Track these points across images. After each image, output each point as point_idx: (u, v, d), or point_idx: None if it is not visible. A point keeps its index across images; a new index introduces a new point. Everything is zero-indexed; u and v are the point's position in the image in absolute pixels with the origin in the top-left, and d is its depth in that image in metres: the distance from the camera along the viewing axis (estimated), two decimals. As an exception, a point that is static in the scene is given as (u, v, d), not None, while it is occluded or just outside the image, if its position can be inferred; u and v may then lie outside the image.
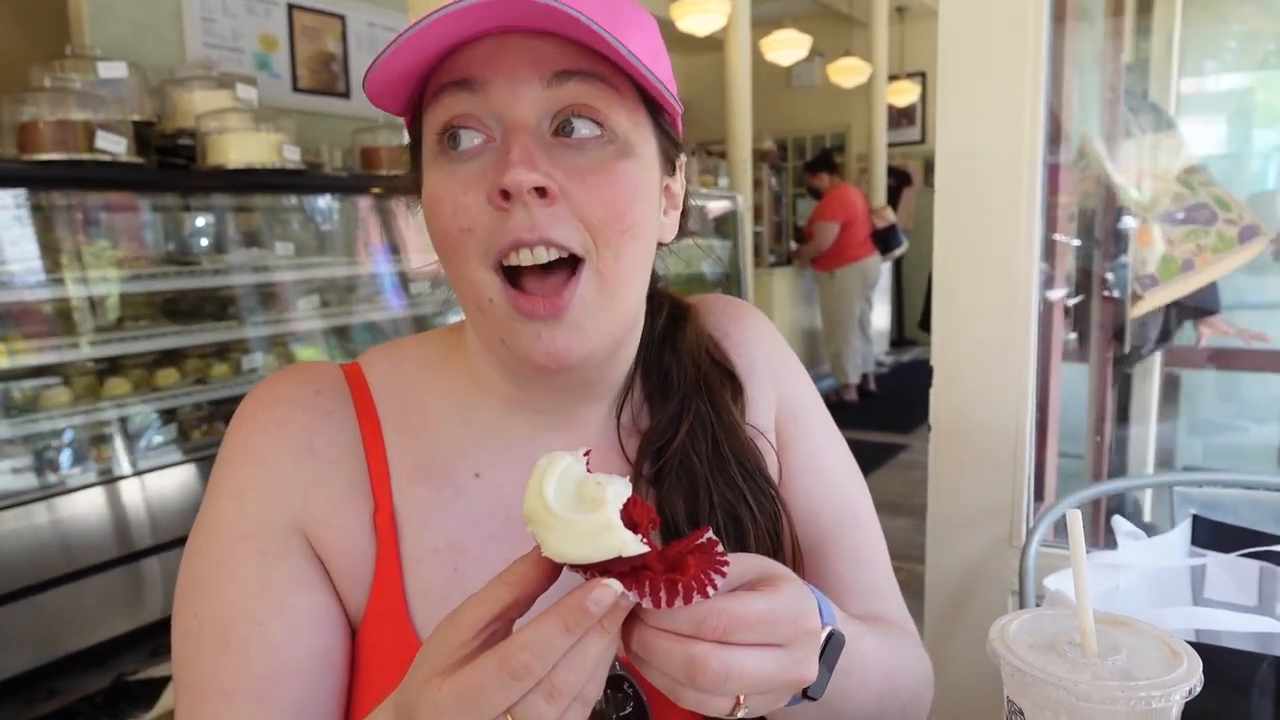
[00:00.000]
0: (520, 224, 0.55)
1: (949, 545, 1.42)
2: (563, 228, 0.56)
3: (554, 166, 0.56)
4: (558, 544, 0.44)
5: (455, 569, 0.65)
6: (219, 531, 0.63)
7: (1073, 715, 0.52)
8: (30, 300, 2.67)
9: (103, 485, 2.74)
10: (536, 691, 0.43)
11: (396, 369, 0.70)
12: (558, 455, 0.46)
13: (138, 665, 2.72)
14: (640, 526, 0.44)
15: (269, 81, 4.13)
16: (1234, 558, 0.94)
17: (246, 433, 0.65)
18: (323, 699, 0.62)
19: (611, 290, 0.59)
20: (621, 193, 0.58)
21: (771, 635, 0.47)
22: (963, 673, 1.38)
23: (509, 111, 0.56)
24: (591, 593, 0.43)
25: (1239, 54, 2.25)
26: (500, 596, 0.46)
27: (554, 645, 0.42)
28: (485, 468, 0.67)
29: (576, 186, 0.56)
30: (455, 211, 0.57)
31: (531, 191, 0.55)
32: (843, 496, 0.76)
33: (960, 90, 1.36)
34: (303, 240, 3.52)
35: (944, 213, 1.39)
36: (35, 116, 2.62)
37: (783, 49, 7.00)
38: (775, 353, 0.78)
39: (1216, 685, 0.58)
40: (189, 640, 0.61)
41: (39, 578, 2.56)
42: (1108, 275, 1.94)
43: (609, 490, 0.44)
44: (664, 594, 0.43)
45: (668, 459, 0.67)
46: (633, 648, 0.46)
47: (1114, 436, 1.96)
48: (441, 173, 0.58)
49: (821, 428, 0.78)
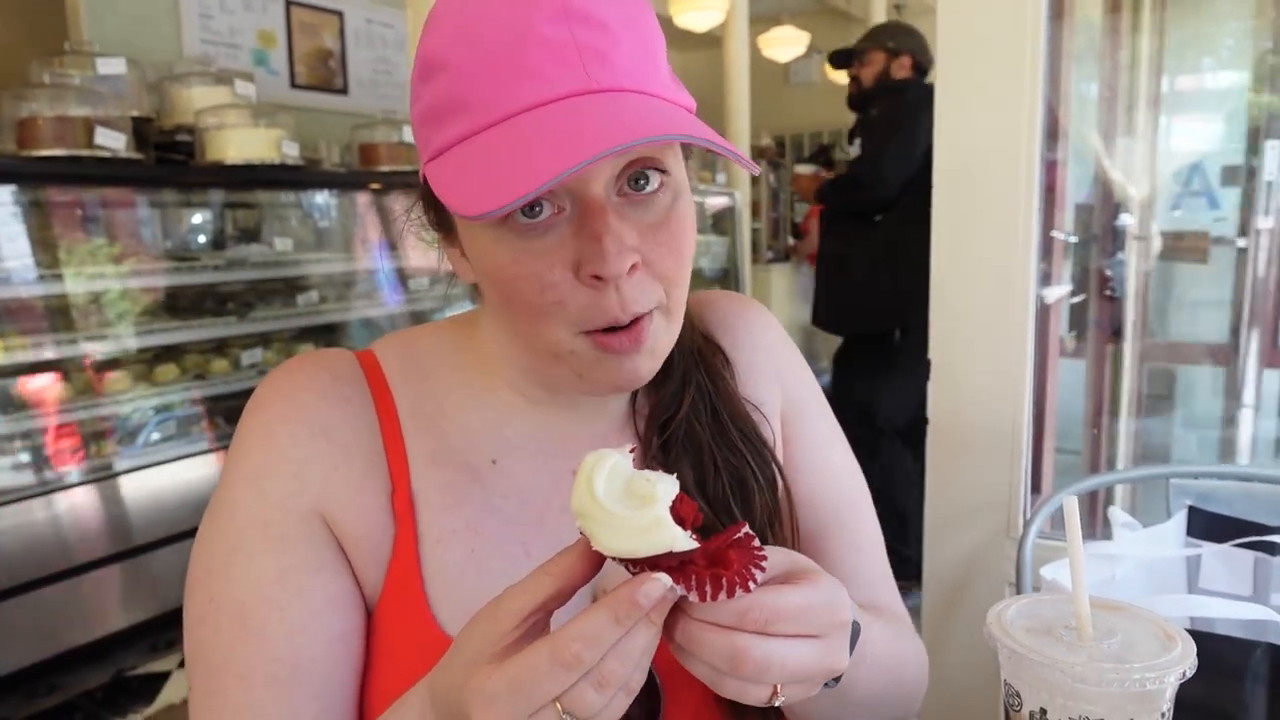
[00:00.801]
0: (613, 304, 0.57)
1: (947, 537, 1.43)
2: (646, 294, 0.58)
3: (631, 230, 0.57)
4: (609, 539, 0.45)
5: (472, 550, 0.65)
6: (236, 517, 0.63)
7: (1069, 697, 0.53)
8: (28, 296, 2.66)
9: (102, 481, 2.75)
10: (586, 681, 0.44)
11: (410, 357, 0.71)
12: (605, 453, 0.47)
13: (137, 660, 2.72)
14: (686, 522, 0.46)
15: (267, 78, 4.13)
16: (1229, 548, 0.95)
17: (264, 419, 0.65)
18: (340, 681, 0.63)
19: (674, 316, 0.62)
20: (687, 238, 0.60)
21: (809, 626, 0.49)
22: (960, 662, 1.39)
23: (586, 188, 0.56)
24: (642, 586, 0.44)
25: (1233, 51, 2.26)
26: (544, 587, 0.47)
27: (605, 637, 0.44)
28: (501, 455, 0.68)
29: (651, 247, 0.58)
30: (543, 288, 0.57)
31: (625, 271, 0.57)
32: (843, 488, 0.79)
33: (958, 87, 1.36)
34: (301, 236, 3.52)
35: (942, 209, 1.40)
36: (34, 112, 2.62)
37: (781, 46, 7.01)
38: (780, 348, 0.80)
39: (1211, 672, 0.58)
40: (205, 624, 0.62)
41: (38, 573, 2.56)
42: (1105, 271, 1.95)
43: (659, 488, 0.45)
44: (709, 588, 0.45)
45: (673, 431, 0.69)
46: (676, 639, 0.48)
47: (1110, 430, 1.97)
48: (514, 245, 0.57)
49: (824, 421, 0.80)
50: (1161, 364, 2.12)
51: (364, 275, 3.71)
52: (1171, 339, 2.15)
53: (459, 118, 0.56)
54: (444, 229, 0.65)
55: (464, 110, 0.56)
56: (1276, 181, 1.89)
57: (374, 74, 4.69)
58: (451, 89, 0.56)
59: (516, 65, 0.54)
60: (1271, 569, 0.92)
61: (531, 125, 0.53)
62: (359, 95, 4.57)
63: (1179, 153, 2.12)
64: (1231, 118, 2.14)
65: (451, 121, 0.56)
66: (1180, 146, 2.13)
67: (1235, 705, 0.77)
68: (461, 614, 0.50)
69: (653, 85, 0.57)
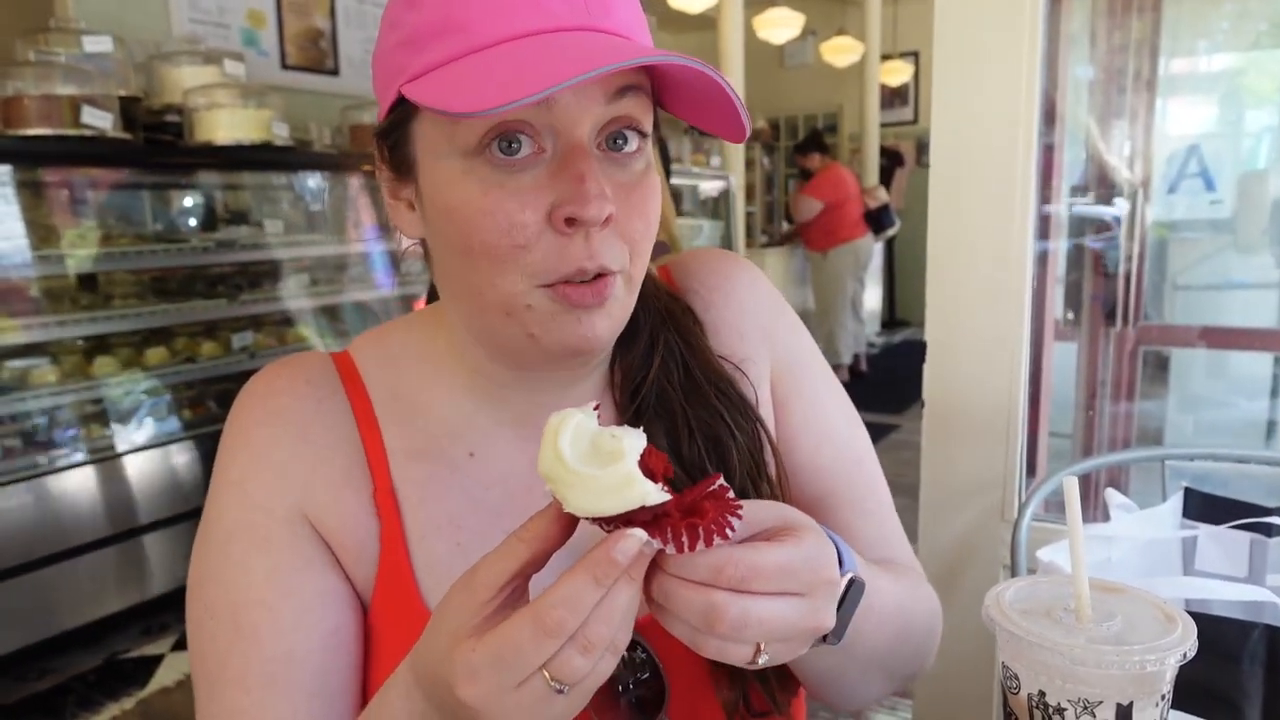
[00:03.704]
0: (581, 253, 0.55)
1: (942, 520, 1.43)
2: (613, 250, 0.57)
3: (609, 184, 0.55)
4: (580, 499, 0.44)
5: (459, 543, 0.65)
6: (223, 522, 0.63)
7: (1067, 679, 0.52)
8: (16, 278, 2.64)
9: (93, 464, 2.73)
10: (571, 645, 0.44)
11: (385, 355, 0.70)
12: (568, 413, 0.46)
13: (130, 644, 2.72)
14: (656, 475, 0.45)
15: (256, 58, 4.08)
16: (1225, 529, 0.95)
17: (243, 425, 0.66)
18: (337, 677, 0.62)
19: (633, 287, 0.61)
20: (655, 204, 0.59)
21: (790, 584, 0.48)
22: (955, 645, 1.39)
23: (572, 128, 0.55)
24: (618, 543, 0.43)
25: (1230, 34, 2.25)
26: (519, 554, 0.46)
27: (585, 599, 0.43)
28: (478, 446, 0.67)
29: (623, 205, 0.57)
30: (510, 228, 0.55)
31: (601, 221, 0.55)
32: (844, 448, 0.76)
33: (955, 69, 1.35)
34: (292, 218, 3.50)
35: (939, 190, 1.39)
36: (19, 91, 2.59)
37: (776, 27, 6.96)
38: (767, 308, 0.76)
39: (1208, 653, 0.58)
40: (202, 631, 0.62)
41: (30, 557, 2.56)
42: (1100, 252, 1.95)
43: (625, 442, 0.44)
44: (685, 538, 0.44)
45: (644, 394, 0.67)
46: (654, 596, 0.47)
47: (1106, 414, 1.97)
48: (487, 180, 0.55)
49: (823, 383, 0.77)
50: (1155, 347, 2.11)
51: (355, 258, 3.68)
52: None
53: (452, 39, 0.54)
54: (399, 169, 0.61)
55: (460, 31, 0.54)
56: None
57: (365, 55, 4.64)
58: (447, 12, 0.55)
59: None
60: (1267, 550, 0.92)
61: (533, 48, 0.52)
62: (350, 76, 4.52)
63: (1174, 135, 2.12)
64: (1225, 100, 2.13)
65: (441, 44, 0.54)
66: (1175, 129, 2.13)
67: (1232, 686, 0.77)
68: None
69: (645, 40, 0.58)
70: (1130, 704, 0.51)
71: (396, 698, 0.52)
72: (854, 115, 8.33)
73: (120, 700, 2.45)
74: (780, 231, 7.41)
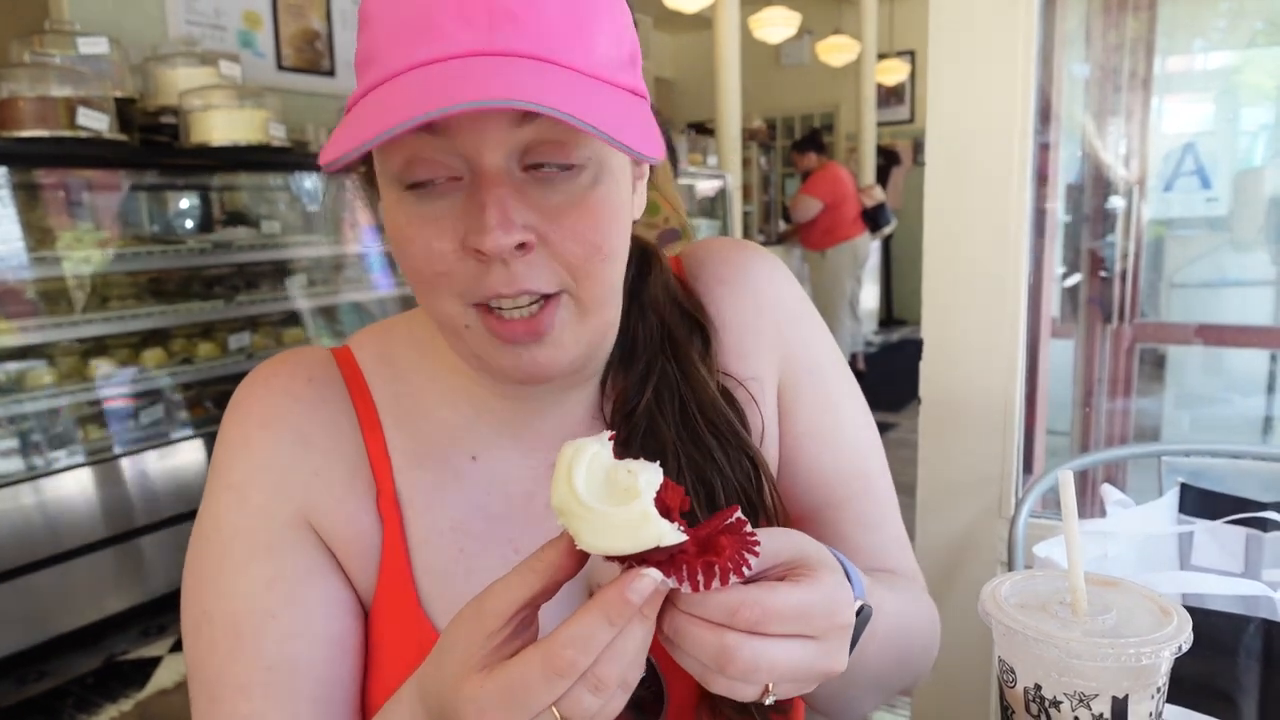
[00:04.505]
0: (499, 280, 0.54)
1: (939, 517, 1.43)
2: (541, 275, 0.54)
3: (529, 209, 0.53)
4: (593, 537, 0.43)
5: (461, 549, 0.64)
6: (222, 527, 0.62)
7: (1063, 673, 0.52)
8: (12, 280, 2.64)
9: (90, 466, 2.73)
10: (581, 684, 0.43)
11: (387, 351, 0.68)
12: (583, 443, 0.45)
13: (128, 646, 2.72)
14: (673, 510, 0.44)
15: (253, 60, 4.07)
16: (1221, 524, 0.95)
17: (241, 426, 0.64)
18: (338, 684, 0.62)
19: (590, 310, 0.58)
20: (599, 225, 0.55)
21: (804, 627, 0.47)
22: (951, 641, 1.39)
23: (476, 157, 0.53)
24: (631, 583, 0.43)
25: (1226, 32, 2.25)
26: (529, 584, 0.45)
27: (597, 639, 0.43)
28: (481, 450, 0.66)
29: (552, 228, 0.54)
30: (430, 256, 0.54)
31: (513, 249, 0.53)
32: (854, 459, 0.73)
33: (951, 68, 1.35)
34: (289, 219, 3.49)
35: (935, 189, 1.39)
36: (14, 93, 2.58)
37: (772, 27, 6.96)
38: (785, 303, 0.73)
39: (1204, 648, 0.58)
40: (200, 637, 0.61)
41: (27, 559, 2.55)
42: (1098, 251, 1.95)
43: (642, 479, 0.43)
44: (701, 577, 0.43)
45: (635, 423, 0.65)
46: (665, 631, 0.46)
47: (1102, 411, 1.97)
48: (406, 211, 0.55)
49: (837, 386, 0.74)
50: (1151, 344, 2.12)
51: (352, 259, 3.68)
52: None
53: (369, 71, 0.54)
54: (373, 188, 0.61)
55: (372, 64, 0.53)
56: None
57: (361, 55, 4.64)
58: (369, 43, 0.54)
59: (425, 21, 0.51)
60: (1263, 545, 0.92)
61: (413, 82, 0.50)
62: (346, 77, 4.52)
63: (1170, 133, 2.12)
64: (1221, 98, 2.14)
65: (363, 75, 0.54)
66: (1172, 127, 2.13)
67: (1228, 680, 0.77)
68: (454, 613, 0.49)
69: (572, 56, 0.52)
70: (1126, 697, 0.51)
71: (400, 716, 0.51)
72: (850, 115, 8.34)
73: (118, 702, 2.44)
74: (777, 231, 7.41)
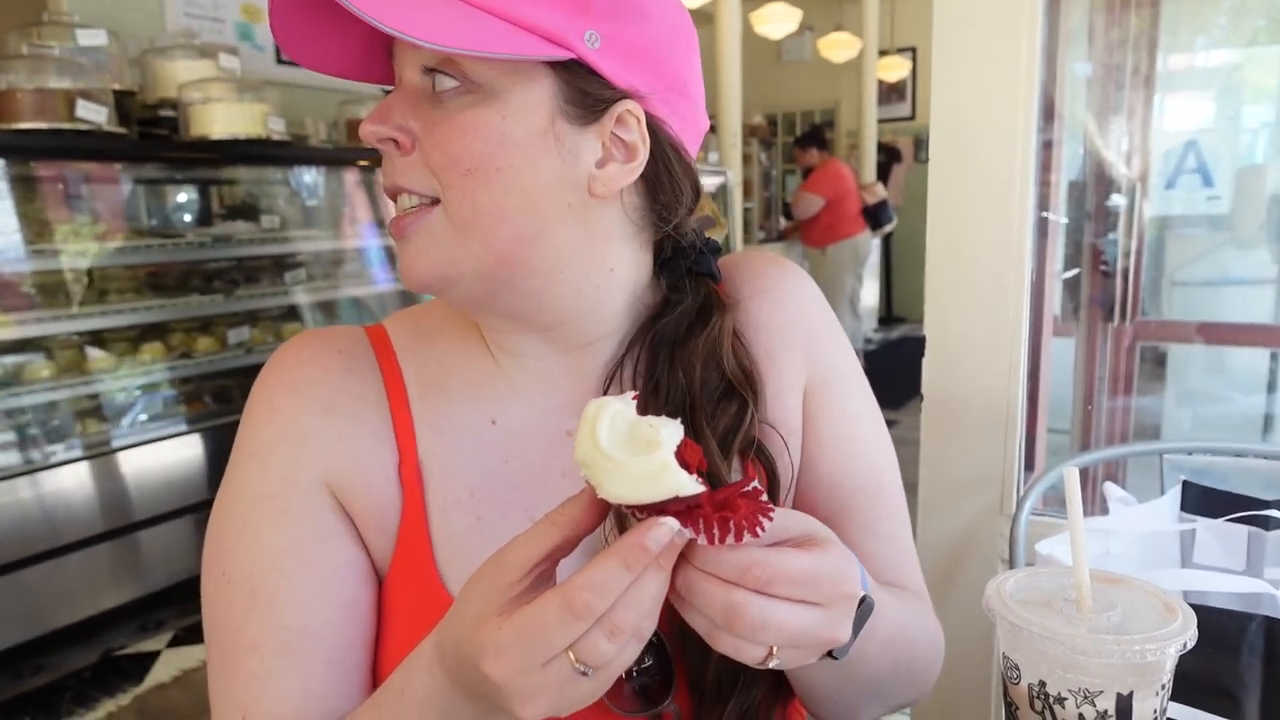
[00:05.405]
0: (384, 170, 0.62)
1: (940, 515, 1.43)
2: (412, 175, 0.61)
3: (413, 116, 0.60)
4: (615, 486, 0.44)
5: (479, 517, 0.66)
6: (244, 492, 0.64)
7: (1068, 669, 0.52)
8: (10, 273, 2.63)
9: (88, 460, 2.73)
10: (597, 629, 0.44)
11: (418, 325, 0.71)
12: (607, 401, 0.46)
13: (126, 640, 2.72)
14: (691, 467, 0.45)
15: (252, 53, 4.06)
16: (1223, 523, 0.95)
17: (269, 394, 0.66)
18: (352, 649, 0.63)
19: (464, 228, 0.60)
20: (460, 139, 0.59)
21: (811, 593, 0.48)
22: (954, 639, 1.39)
23: (399, 70, 0.63)
24: (650, 531, 0.44)
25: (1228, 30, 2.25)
26: (550, 537, 0.47)
27: (614, 584, 0.44)
28: (499, 414, 0.68)
29: (426, 136, 0.60)
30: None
31: (388, 142, 0.61)
32: (868, 469, 0.75)
33: (953, 65, 1.35)
34: (288, 214, 3.49)
35: (937, 186, 1.39)
36: (12, 85, 2.58)
37: (773, 23, 6.96)
38: (814, 317, 0.76)
39: (1207, 645, 0.58)
40: (218, 598, 0.63)
41: (25, 553, 2.55)
42: (1100, 249, 1.95)
43: (663, 433, 0.45)
44: (717, 530, 0.45)
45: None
46: (678, 587, 0.48)
47: (1104, 409, 1.97)
48: None
49: (856, 398, 0.76)
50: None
51: (352, 253, 3.67)
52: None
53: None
54: None
55: None
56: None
57: (361, 49, 4.62)
58: None
59: None
60: (1265, 543, 0.92)
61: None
62: (346, 71, 4.51)
63: (1172, 131, 2.12)
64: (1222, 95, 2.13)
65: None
66: (1173, 125, 2.12)
67: (1231, 678, 0.77)
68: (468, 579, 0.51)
69: None
70: (1130, 693, 0.51)
71: (418, 673, 0.52)
72: (851, 111, 8.33)
73: (116, 697, 2.44)
74: (778, 227, 7.41)
